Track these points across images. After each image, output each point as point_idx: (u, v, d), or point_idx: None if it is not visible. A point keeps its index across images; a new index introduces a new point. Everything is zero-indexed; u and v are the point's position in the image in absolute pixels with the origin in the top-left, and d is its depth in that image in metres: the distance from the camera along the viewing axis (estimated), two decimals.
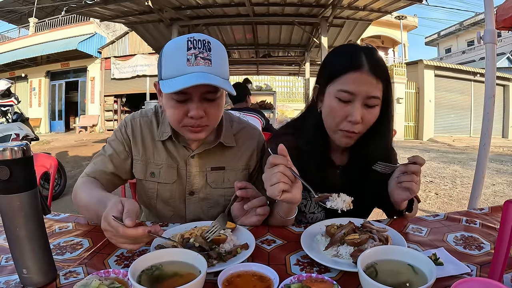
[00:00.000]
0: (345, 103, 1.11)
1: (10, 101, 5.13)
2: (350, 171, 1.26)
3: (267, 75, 12.84)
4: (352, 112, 1.09)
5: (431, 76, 14.62)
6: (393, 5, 5.37)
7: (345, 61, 1.13)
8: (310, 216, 1.28)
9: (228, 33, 7.20)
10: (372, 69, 1.09)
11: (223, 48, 1.15)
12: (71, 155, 8.89)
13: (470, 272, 0.80)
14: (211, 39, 1.10)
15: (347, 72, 1.10)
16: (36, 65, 17.38)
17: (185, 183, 1.31)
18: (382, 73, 1.11)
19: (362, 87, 1.08)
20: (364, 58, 1.10)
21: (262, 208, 1.08)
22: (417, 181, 1.07)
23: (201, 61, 1.05)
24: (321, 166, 1.21)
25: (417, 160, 1.07)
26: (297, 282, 0.71)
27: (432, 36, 30.19)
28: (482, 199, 4.40)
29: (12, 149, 0.72)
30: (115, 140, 1.32)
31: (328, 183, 1.22)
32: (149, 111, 1.37)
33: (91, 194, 1.11)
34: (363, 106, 1.10)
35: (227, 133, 1.32)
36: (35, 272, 0.76)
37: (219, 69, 1.08)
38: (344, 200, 0.96)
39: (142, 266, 0.74)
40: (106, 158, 1.29)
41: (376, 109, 1.13)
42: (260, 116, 4.35)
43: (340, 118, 1.12)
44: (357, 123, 1.10)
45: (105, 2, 5.15)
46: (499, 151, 10.43)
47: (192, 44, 1.05)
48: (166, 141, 1.30)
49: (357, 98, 1.09)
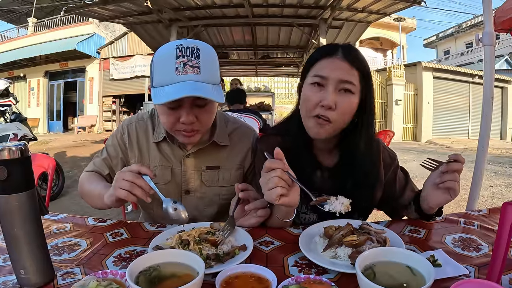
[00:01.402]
0: (319, 87, 1.10)
1: (8, 101, 5.12)
2: (339, 172, 1.21)
3: (265, 77, 12.85)
4: (324, 97, 1.07)
5: (430, 78, 14.66)
6: (391, 7, 5.37)
7: (320, 51, 1.16)
8: (303, 216, 1.26)
9: (227, 34, 7.19)
10: (346, 56, 1.10)
11: (213, 51, 1.16)
12: (69, 156, 8.87)
13: (468, 273, 0.80)
14: (200, 44, 1.11)
15: (321, 59, 1.12)
16: (35, 65, 17.35)
17: (181, 183, 1.33)
18: (357, 62, 1.10)
19: (334, 72, 1.08)
20: (340, 48, 1.12)
21: (264, 210, 1.08)
22: (459, 180, 1.02)
23: (190, 69, 1.06)
24: (307, 167, 1.17)
25: (458, 158, 1.01)
26: (295, 284, 0.71)
27: (430, 38, 30.31)
28: (480, 201, 4.41)
29: (10, 149, 0.72)
30: (111, 146, 1.38)
31: (317, 186, 1.17)
32: (145, 114, 1.40)
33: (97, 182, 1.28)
34: (336, 91, 1.08)
35: (221, 133, 1.34)
36: (33, 273, 0.75)
37: (208, 76, 1.09)
38: (342, 203, 0.96)
39: (140, 267, 0.74)
40: (101, 161, 1.38)
41: (352, 97, 1.09)
42: (257, 117, 4.37)
43: (313, 103, 1.10)
44: (330, 108, 1.07)
45: (104, 2, 5.14)
46: (497, 153, 10.46)
47: (180, 52, 1.07)
48: (161, 142, 1.33)
49: (330, 82, 1.08)
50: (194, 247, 0.88)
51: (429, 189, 1.08)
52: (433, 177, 1.07)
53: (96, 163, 1.38)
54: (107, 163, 1.37)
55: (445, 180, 1.02)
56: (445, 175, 1.03)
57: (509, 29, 2.22)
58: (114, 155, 1.37)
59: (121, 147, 1.36)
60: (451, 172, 1.01)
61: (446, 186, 1.02)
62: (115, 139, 1.38)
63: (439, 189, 1.05)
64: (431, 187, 1.07)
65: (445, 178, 1.02)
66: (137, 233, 1.07)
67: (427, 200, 1.09)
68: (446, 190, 1.03)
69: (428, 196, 1.08)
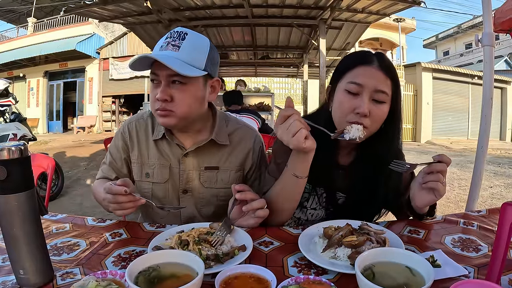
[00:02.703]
0: (353, 95, 1.11)
1: (8, 101, 5.11)
2: (354, 171, 1.25)
3: (265, 77, 12.84)
4: (359, 104, 1.09)
5: (429, 78, 14.67)
6: (391, 7, 5.37)
7: (356, 58, 1.18)
8: (311, 212, 1.28)
9: (226, 35, 7.19)
10: (381, 66, 1.12)
11: (204, 41, 1.21)
12: (69, 156, 8.87)
13: (468, 274, 0.80)
14: (192, 32, 1.18)
15: (356, 66, 1.14)
16: (34, 65, 17.32)
17: (178, 182, 1.33)
18: (391, 72, 1.13)
19: (370, 80, 1.10)
20: (374, 57, 1.15)
21: (263, 210, 1.08)
22: (443, 181, 1.02)
23: (170, 47, 1.14)
24: (324, 164, 1.19)
25: (442, 159, 1.03)
26: (294, 284, 0.71)
27: (430, 39, 30.32)
28: (480, 201, 4.41)
29: (9, 149, 0.72)
30: (113, 148, 1.40)
31: (332, 183, 1.24)
32: (145, 113, 1.41)
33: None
34: (371, 100, 1.10)
35: (221, 131, 1.34)
36: (32, 273, 0.75)
37: (188, 56, 1.14)
38: (358, 129, 1.05)
39: (139, 267, 0.74)
40: (107, 166, 1.41)
41: (384, 106, 1.12)
42: (255, 117, 4.39)
43: (347, 110, 1.11)
44: (364, 115, 1.09)
45: (103, 2, 5.13)
46: (497, 153, 10.47)
47: (170, 34, 1.17)
48: (160, 141, 1.33)
49: (365, 90, 1.10)
50: (194, 248, 0.88)
51: (415, 189, 1.10)
52: (419, 178, 1.09)
53: (103, 170, 1.42)
54: (112, 167, 1.39)
55: (428, 181, 1.03)
56: (428, 175, 1.04)
57: (508, 30, 2.22)
58: (118, 157, 1.38)
59: (123, 147, 1.37)
60: (435, 172, 1.03)
61: (429, 186, 1.04)
62: (117, 140, 1.39)
63: (423, 189, 1.06)
64: (417, 188, 1.09)
65: (428, 178, 1.04)
66: (136, 233, 1.07)
67: (414, 200, 1.11)
68: (430, 190, 1.05)
69: (414, 196, 1.10)
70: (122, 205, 1.06)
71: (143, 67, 1.18)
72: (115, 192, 1.05)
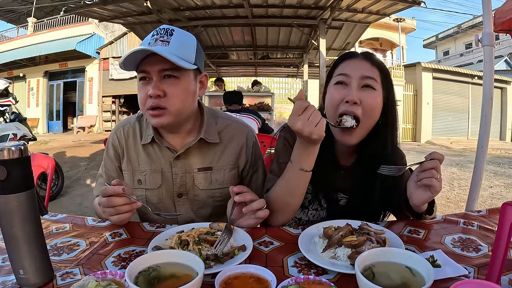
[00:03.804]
0: (342, 85, 1.16)
1: (8, 101, 5.11)
2: (355, 172, 1.26)
3: (265, 77, 12.84)
4: (348, 93, 1.13)
5: (429, 78, 14.67)
6: (391, 7, 5.38)
7: (343, 56, 1.25)
8: (312, 213, 1.28)
9: (226, 35, 7.19)
10: (367, 57, 1.20)
11: (191, 38, 1.20)
12: (69, 156, 8.87)
13: (468, 274, 0.80)
14: (178, 29, 1.17)
15: (343, 61, 1.21)
16: (34, 65, 17.31)
17: (172, 186, 1.30)
18: (377, 63, 1.19)
19: (356, 69, 1.16)
20: (360, 53, 1.23)
21: (263, 211, 1.07)
22: (437, 177, 1.03)
23: (160, 42, 1.12)
24: (323, 165, 1.19)
25: (434, 156, 1.04)
26: (294, 284, 0.71)
27: (430, 39, 30.33)
28: (480, 201, 4.41)
29: (9, 149, 0.71)
30: (106, 159, 1.38)
31: (334, 183, 1.25)
32: (132, 118, 1.37)
33: None
34: (359, 88, 1.14)
35: (210, 129, 1.30)
36: (32, 273, 0.75)
37: (178, 51, 1.12)
38: (351, 116, 1.11)
39: (139, 267, 0.74)
40: (103, 179, 1.37)
41: (375, 93, 1.15)
42: (255, 116, 4.40)
43: (338, 101, 1.15)
44: (354, 103, 1.11)
45: (103, 2, 5.13)
46: (497, 153, 10.47)
47: (156, 31, 1.15)
48: (150, 145, 1.29)
49: (353, 80, 1.15)
50: (194, 248, 0.88)
51: (411, 188, 1.10)
52: (413, 177, 1.09)
53: (101, 183, 1.37)
54: (109, 178, 1.34)
55: (422, 178, 1.04)
56: (422, 173, 1.05)
57: (508, 29, 2.22)
58: (112, 168, 1.36)
59: (115, 156, 1.35)
60: (427, 169, 1.04)
61: (423, 183, 1.04)
62: (108, 150, 1.37)
63: (419, 187, 1.07)
64: (413, 186, 1.09)
65: (421, 176, 1.04)
66: (136, 234, 1.07)
67: (411, 199, 1.11)
68: (426, 187, 1.05)
69: (411, 195, 1.10)
70: (118, 208, 1.03)
71: (131, 67, 1.16)
72: (110, 192, 1.02)
